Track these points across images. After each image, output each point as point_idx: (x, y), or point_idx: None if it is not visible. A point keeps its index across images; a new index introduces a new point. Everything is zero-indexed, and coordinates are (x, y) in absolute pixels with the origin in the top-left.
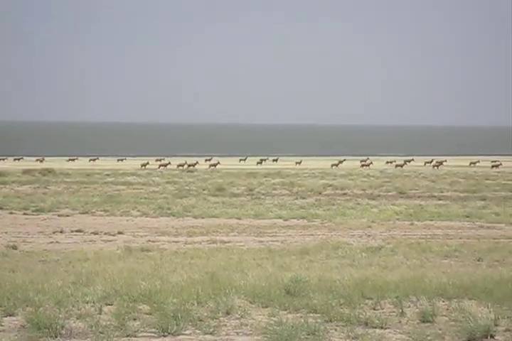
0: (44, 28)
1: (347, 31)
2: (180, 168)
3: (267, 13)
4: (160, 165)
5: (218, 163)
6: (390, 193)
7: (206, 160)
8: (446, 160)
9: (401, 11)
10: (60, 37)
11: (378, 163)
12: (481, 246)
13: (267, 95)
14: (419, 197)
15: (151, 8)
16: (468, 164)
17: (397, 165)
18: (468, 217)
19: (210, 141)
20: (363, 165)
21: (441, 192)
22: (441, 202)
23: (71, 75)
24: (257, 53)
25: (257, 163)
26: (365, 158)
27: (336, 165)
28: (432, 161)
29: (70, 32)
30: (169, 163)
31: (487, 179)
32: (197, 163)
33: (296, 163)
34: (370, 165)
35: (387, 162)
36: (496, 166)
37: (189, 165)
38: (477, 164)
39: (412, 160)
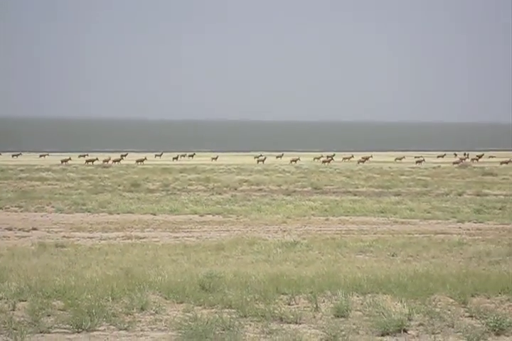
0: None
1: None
2: (106, 163)
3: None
4: (87, 161)
5: (145, 158)
6: (305, 189)
7: (122, 156)
8: (372, 156)
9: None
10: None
11: (306, 158)
12: (396, 242)
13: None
14: (334, 192)
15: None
16: (393, 160)
17: (323, 161)
18: (382, 212)
19: (126, 137)
20: (292, 161)
21: (357, 187)
22: (356, 197)
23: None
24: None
25: (173, 158)
26: (280, 153)
27: (262, 160)
28: (351, 157)
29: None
30: (97, 159)
31: (402, 174)
32: (122, 158)
33: (212, 158)
34: (297, 160)
35: (315, 158)
36: (419, 162)
37: (114, 161)
38: (402, 160)
39: (334, 155)
